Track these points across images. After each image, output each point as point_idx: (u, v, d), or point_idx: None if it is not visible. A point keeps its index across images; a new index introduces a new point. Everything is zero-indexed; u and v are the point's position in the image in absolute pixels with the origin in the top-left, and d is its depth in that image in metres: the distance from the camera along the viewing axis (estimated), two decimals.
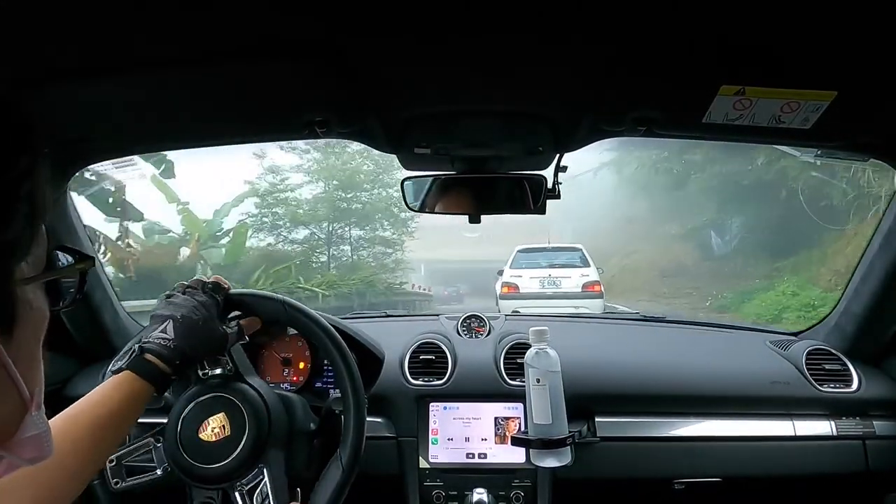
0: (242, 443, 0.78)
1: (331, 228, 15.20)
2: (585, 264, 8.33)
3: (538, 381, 1.02)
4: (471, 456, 1.16)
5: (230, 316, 0.87)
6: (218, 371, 0.85)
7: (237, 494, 0.78)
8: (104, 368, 1.03)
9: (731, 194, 12.82)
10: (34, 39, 0.61)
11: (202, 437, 0.79)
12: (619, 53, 0.67)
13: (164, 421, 0.84)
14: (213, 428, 0.79)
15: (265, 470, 0.79)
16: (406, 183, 1.07)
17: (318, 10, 0.59)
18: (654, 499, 1.25)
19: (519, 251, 8.82)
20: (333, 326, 0.91)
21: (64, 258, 0.44)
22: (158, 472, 0.82)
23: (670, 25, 0.63)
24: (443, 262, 22.44)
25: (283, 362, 1.16)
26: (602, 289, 8.02)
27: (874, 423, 1.17)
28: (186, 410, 0.81)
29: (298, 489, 0.83)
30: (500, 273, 8.84)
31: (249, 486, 0.79)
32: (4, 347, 0.36)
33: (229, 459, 0.78)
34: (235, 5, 0.57)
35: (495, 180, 1.07)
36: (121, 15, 0.57)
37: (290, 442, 0.85)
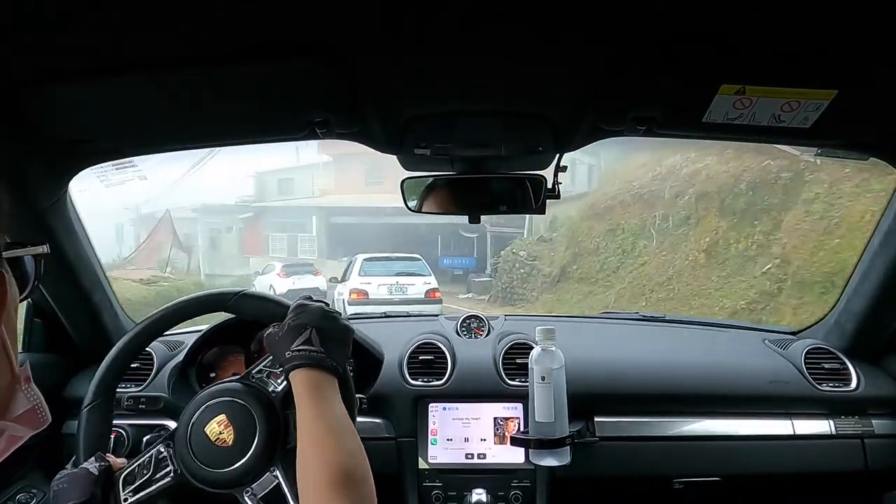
0: (254, 445, 0.77)
1: None
2: (427, 273, 9.41)
3: (542, 378, 1.02)
4: (470, 456, 1.16)
5: None
6: None
7: (246, 498, 0.76)
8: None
9: None
10: (35, 41, 0.60)
11: (213, 441, 0.78)
12: (619, 53, 0.67)
13: (167, 423, 0.82)
14: (222, 431, 0.78)
15: (278, 472, 0.77)
16: (406, 183, 1.07)
17: (318, 10, 0.59)
18: (653, 498, 1.25)
19: (364, 260, 9.60)
20: None
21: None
22: (170, 479, 0.79)
23: (670, 25, 0.63)
24: (350, 213, 15.15)
25: None
26: (440, 294, 9.11)
27: (873, 421, 1.18)
28: (197, 414, 0.80)
29: None
30: (334, 280, 9.66)
31: (262, 493, 0.77)
32: None
33: (240, 463, 0.77)
34: (236, 6, 0.57)
35: (495, 180, 1.07)
36: (121, 16, 0.57)
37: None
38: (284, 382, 0.77)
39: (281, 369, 0.76)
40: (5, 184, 0.40)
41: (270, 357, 0.81)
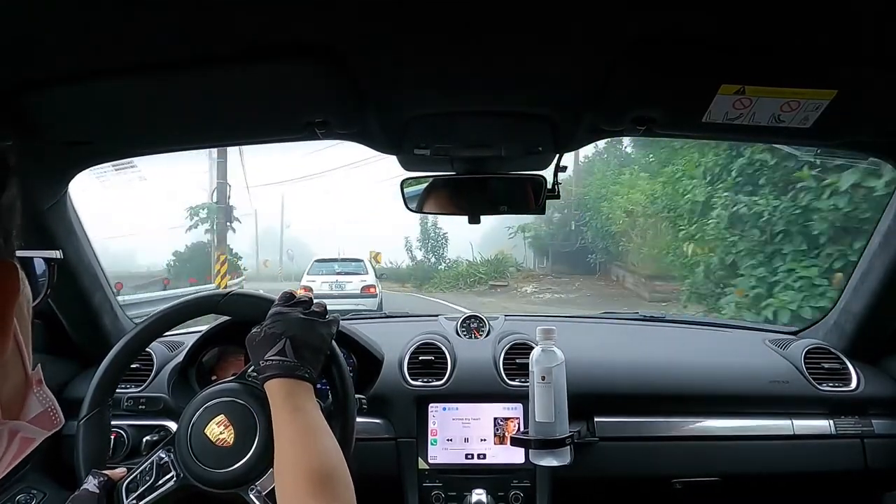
0: (255, 444, 0.77)
1: None
2: (365, 271, 10.78)
3: (543, 378, 1.02)
4: (470, 456, 1.15)
5: None
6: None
7: (252, 496, 0.76)
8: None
9: None
10: (35, 42, 0.60)
11: (214, 442, 0.78)
12: (619, 53, 0.67)
13: (167, 424, 0.81)
14: (222, 432, 0.78)
15: None
16: (405, 183, 1.07)
17: (318, 11, 0.58)
18: (653, 498, 1.25)
19: (315, 261, 11.31)
20: None
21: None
22: (173, 483, 0.78)
23: (669, 25, 0.63)
24: None
25: None
26: (377, 290, 10.29)
27: (873, 421, 1.18)
28: (196, 416, 0.80)
29: None
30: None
31: (266, 490, 0.77)
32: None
33: (243, 462, 0.77)
34: (235, 7, 0.57)
35: (495, 181, 1.07)
36: (121, 17, 0.57)
37: None
38: None
39: (257, 375, 0.76)
40: (18, 181, 0.39)
41: None
